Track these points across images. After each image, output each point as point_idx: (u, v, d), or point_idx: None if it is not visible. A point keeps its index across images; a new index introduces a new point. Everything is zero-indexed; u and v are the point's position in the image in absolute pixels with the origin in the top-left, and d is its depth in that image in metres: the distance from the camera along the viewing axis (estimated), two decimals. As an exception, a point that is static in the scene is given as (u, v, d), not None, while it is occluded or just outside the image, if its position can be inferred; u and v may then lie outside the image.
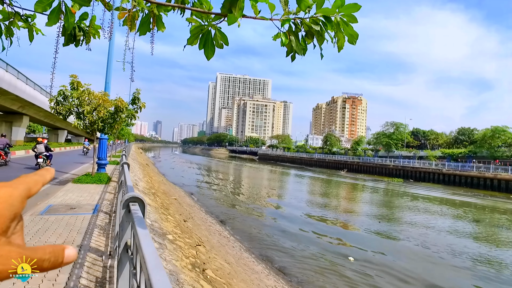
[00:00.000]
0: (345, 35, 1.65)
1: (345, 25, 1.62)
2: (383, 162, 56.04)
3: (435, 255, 11.68)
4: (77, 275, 3.53)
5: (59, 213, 6.37)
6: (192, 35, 1.63)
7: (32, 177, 0.44)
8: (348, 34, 1.64)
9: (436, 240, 13.63)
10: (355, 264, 10.03)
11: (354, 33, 1.65)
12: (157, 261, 0.83)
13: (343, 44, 1.67)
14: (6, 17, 1.73)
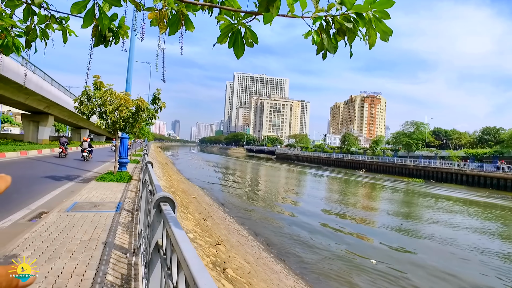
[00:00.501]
0: (376, 32, 1.60)
1: (377, 21, 1.57)
2: (403, 162, 54.76)
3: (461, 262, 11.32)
4: (103, 271, 3.61)
5: (84, 210, 6.54)
6: (222, 33, 1.62)
7: None
8: (380, 31, 1.59)
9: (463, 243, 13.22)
10: (377, 267, 9.81)
11: (388, 30, 1.60)
12: (200, 264, 0.81)
13: (374, 41, 1.63)
14: (42, 20, 1.77)
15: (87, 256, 4.02)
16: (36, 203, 7.37)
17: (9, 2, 1.69)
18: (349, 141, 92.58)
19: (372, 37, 1.61)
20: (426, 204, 24.01)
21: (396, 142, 71.17)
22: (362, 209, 19.94)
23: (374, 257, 10.55)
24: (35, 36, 1.89)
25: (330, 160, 76.75)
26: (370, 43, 1.63)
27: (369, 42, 1.62)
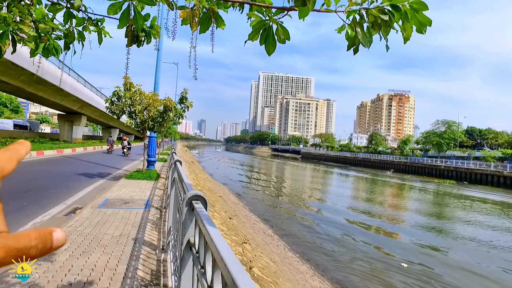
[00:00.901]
0: (413, 25, 1.52)
1: (414, 13, 1.49)
2: (433, 162, 52.61)
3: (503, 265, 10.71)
4: (134, 267, 3.71)
5: (115, 207, 6.77)
6: (253, 30, 1.60)
7: (4, 153, 0.38)
8: (416, 23, 1.52)
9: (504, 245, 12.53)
10: (409, 271, 9.43)
11: (426, 20, 1.51)
12: (238, 264, 0.80)
13: (410, 34, 1.55)
14: (80, 23, 1.83)
15: (119, 251, 4.15)
16: (71, 199, 7.71)
17: (52, 7, 1.76)
18: (376, 141, 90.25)
19: (408, 30, 1.54)
20: (460, 205, 22.95)
21: (426, 141, 68.52)
22: (390, 210, 19.36)
23: (404, 258, 10.17)
24: (73, 38, 1.96)
25: (357, 160, 75.16)
26: (405, 37, 1.55)
27: (404, 35, 1.55)
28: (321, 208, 18.06)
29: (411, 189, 32.81)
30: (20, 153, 0.40)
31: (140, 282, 3.36)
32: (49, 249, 0.37)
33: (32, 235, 0.35)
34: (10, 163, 0.37)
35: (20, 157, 0.39)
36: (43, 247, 0.36)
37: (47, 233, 0.37)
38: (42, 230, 0.37)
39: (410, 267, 9.61)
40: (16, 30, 1.60)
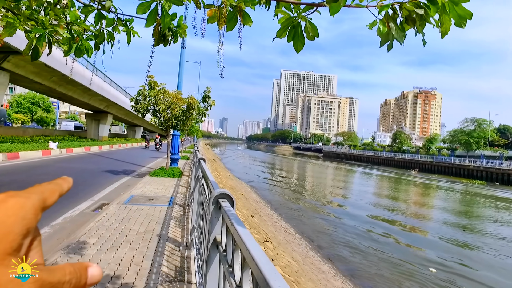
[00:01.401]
0: (451, 18, 1.44)
1: (452, 5, 1.41)
2: (461, 162, 50.57)
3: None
4: (158, 262, 3.78)
5: (140, 204, 6.93)
6: (281, 27, 1.58)
7: (47, 186, 0.38)
8: (455, 16, 1.43)
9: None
10: (439, 276, 8.93)
11: (466, 13, 1.42)
12: (270, 264, 0.78)
13: (448, 29, 1.47)
14: (110, 23, 1.88)
15: (144, 247, 4.24)
16: (99, 195, 7.98)
17: (84, 8, 1.81)
18: (401, 139, 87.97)
19: (446, 24, 1.45)
20: (492, 207, 21.97)
21: (454, 140, 66.00)
22: (416, 211, 18.79)
23: (434, 261, 9.78)
24: (103, 39, 2.01)
25: (380, 159, 73.51)
26: (442, 31, 1.48)
27: (442, 29, 1.47)
28: (343, 208, 17.78)
29: (439, 189, 31.73)
30: (63, 187, 0.41)
31: (164, 278, 3.42)
32: (83, 285, 0.36)
33: (67, 270, 0.35)
34: (52, 196, 0.38)
35: (62, 192, 0.40)
36: (77, 282, 0.36)
37: (82, 268, 0.37)
38: (77, 265, 0.37)
39: (439, 273, 9.16)
40: (51, 33, 1.66)
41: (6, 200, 0.32)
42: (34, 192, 0.35)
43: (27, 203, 0.33)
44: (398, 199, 22.96)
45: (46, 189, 0.37)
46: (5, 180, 9.18)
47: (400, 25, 1.48)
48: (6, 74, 19.82)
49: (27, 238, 0.33)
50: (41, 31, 1.56)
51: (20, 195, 0.33)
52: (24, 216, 0.32)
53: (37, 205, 0.34)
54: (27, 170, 11.45)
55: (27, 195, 0.34)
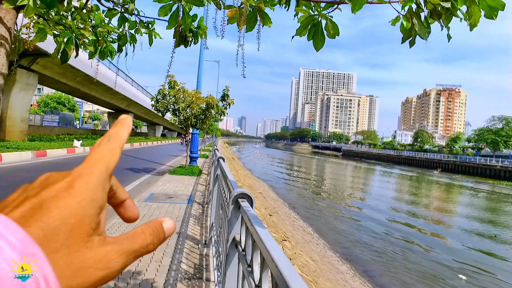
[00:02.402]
0: (480, 9, 1.37)
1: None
2: (487, 162, 48.68)
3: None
4: (178, 260, 3.85)
5: (160, 201, 7.07)
6: (302, 25, 1.57)
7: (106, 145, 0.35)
8: (485, 7, 1.36)
9: None
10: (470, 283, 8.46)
11: (498, 3, 1.33)
12: (290, 266, 0.78)
13: (478, 20, 1.39)
14: (132, 26, 1.93)
15: (164, 244, 4.33)
16: (120, 192, 8.19)
17: (108, 12, 1.87)
18: (422, 138, 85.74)
19: (475, 15, 1.38)
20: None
21: (479, 139, 63.66)
22: (440, 214, 18.24)
23: (460, 270, 9.23)
24: (126, 41, 2.06)
25: (401, 158, 71.89)
26: (471, 23, 1.41)
27: (470, 22, 1.40)
28: (363, 209, 17.49)
29: (463, 190, 30.67)
30: (122, 136, 0.37)
31: (183, 274, 3.48)
32: (162, 239, 0.37)
33: (146, 232, 0.34)
34: (113, 155, 0.35)
35: (122, 142, 0.37)
36: (158, 240, 0.36)
37: (159, 226, 0.36)
38: (152, 223, 0.36)
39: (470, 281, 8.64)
40: (78, 36, 1.72)
41: (72, 185, 0.31)
42: (95, 162, 0.34)
43: (92, 181, 0.32)
44: (420, 201, 22.36)
45: (106, 150, 0.35)
46: (36, 176, 9.53)
47: (424, 20, 1.44)
48: (35, 75, 20.66)
49: (102, 213, 0.33)
50: (69, 35, 1.63)
51: (84, 173, 0.32)
52: (92, 197, 0.31)
53: (103, 178, 0.33)
54: (55, 167, 11.90)
55: (89, 171, 0.32)
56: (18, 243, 0.25)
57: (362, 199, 20.98)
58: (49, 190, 0.30)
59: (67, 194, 0.30)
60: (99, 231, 0.32)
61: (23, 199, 0.29)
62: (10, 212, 0.28)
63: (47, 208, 0.28)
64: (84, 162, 0.34)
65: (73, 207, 0.29)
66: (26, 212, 0.28)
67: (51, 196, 0.29)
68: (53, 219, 0.28)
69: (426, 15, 1.43)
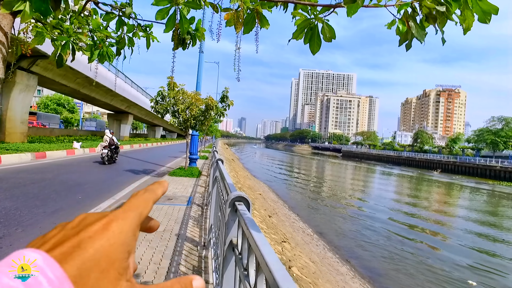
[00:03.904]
0: (474, 13, 1.39)
1: (476, 0, 1.36)
2: (487, 162, 48.68)
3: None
4: (177, 262, 3.85)
5: (159, 203, 7.06)
6: (298, 29, 1.58)
7: (142, 197, 0.39)
8: (478, 11, 1.38)
9: None
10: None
11: (491, 8, 1.36)
12: (284, 271, 0.79)
13: (471, 24, 1.42)
14: (130, 29, 1.94)
15: (163, 246, 4.33)
16: (120, 194, 8.19)
17: (106, 16, 1.88)
18: (422, 139, 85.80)
19: (468, 20, 1.40)
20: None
21: (479, 140, 63.67)
22: (443, 216, 18.20)
23: (468, 275, 9.05)
24: (124, 44, 2.07)
25: (401, 159, 71.90)
26: (465, 27, 1.43)
27: (465, 25, 1.42)
28: (362, 210, 17.48)
29: (464, 190, 30.66)
30: (157, 193, 0.41)
31: (183, 277, 3.47)
32: None
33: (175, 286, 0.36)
34: (147, 206, 0.38)
35: (156, 198, 0.41)
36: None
37: (189, 283, 0.37)
38: (183, 280, 0.37)
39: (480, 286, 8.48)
40: (75, 40, 1.73)
41: (107, 227, 0.32)
42: (130, 209, 0.36)
43: (126, 225, 0.34)
44: (421, 201, 22.35)
45: (141, 201, 0.38)
46: (36, 178, 9.57)
47: (420, 23, 1.45)
48: (35, 77, 20.66)
49: (130, 258, 0.34)
50: (66, 39, 1.63)
51: (119, 217, 0.34)
52: (124, 240, 0.33)
53: (135, 224, 0.35)
54: (54, 169, 11.89)
55: (125, 215, 0.35)
56: (56, 279, 0.27)
57: (362, 201, 20.95)
58: (87, 231, 0.32)
59: (103, 235, 0.32)
60: (127, 276, 0.33)
61: (63, 238, 0.31)
62: (51, 249, 0.30)
63: (84, 248, 0.30)
64: (121, 207, 0.36)
65: (106, 249, 0.31)
66: (65, 250, 0.29)
67: (88, 237, 0.31)
68: (88, 259, 0.30)
69: (421, 19, 1.44)
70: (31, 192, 7.54)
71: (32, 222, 5.29)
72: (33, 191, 7.61)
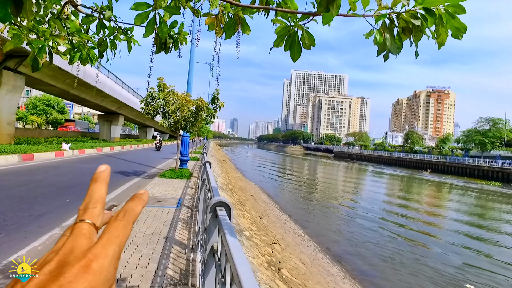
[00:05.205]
0: (448, 29, 1.44)
1: (449, 17, 1.40)
2: (476, 162, 49.48)
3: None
4: (164, 265, 3.82)
5: (148, 205, 7.00)
6: (278, 36, 1.58)
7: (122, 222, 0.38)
8: (452, 28, 1.43)
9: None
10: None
11: (462, 26, 1.43)
12: (253, 281, 0.78)
13: (445, 40, 1.46)
14: (111, 32, 1.91)
15: (150, 249, 4.29)
16: (109, 196, 8.09)
17: (85, 18, 1.85)
18: (413, 140, 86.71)
19: (442, 36, 1.45)
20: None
21: (468, 140, 64.59)
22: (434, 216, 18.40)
23: (470, 281, 8.86)
24: (106, 47, 2.05)
25: (392, 159, 72.60)
26: (439, 42, 1.47)
27: (438, 41, 1.46)
28: (354, 207, 17.60)
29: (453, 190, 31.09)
30: (136, 212, 0.41)
31: (169, 281, 3.45)
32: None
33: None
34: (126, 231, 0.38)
35: (136, 217, 0.40)
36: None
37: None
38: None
39: None
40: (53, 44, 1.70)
41: (88, 269, 0.32)
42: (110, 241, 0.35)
43: (106, 262, 0.33)
44: (412, 201, 22.59)
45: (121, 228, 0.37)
46: (23, 180, 9.41)
47: (397, 35, 1.47)
48: (22, 77, 20.30)
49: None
50: (42, 43, 1.61)
51: (99, 256, 0.33)
52: (105, 278, 0.33)
53: (116, 258, 0.35)
54: (42, 171, 11.71)
55: (104, 252, 0.34)
56: None
57: (353, 201, 21.08)
58: (66, 276, 0.31)
59: (84, 279, 0.31)
60: None
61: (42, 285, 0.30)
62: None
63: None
64: (100, 240, 0.36)
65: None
66: None
67: (68, 282, 0.31)
68: None
69: (398, 31, 1.46)
70: (17, 195, 7.41)
71: (17, 226, 5.20)
72: (19, 194, 7.48)
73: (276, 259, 6.34)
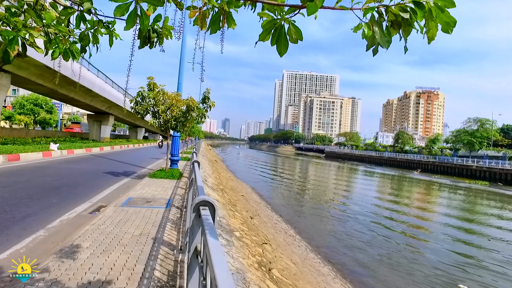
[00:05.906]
0: (437, 24, 1.41)
1: (439, 11, 1.37)
2: (464, 162, 50.27)
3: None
4: (151, 267, 3.73)
5: (137, 206, 6.89)
6: (264, 30, 1.53)
7: None
8: (442, 22, 1.40)
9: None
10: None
11: (451, 20, 1.40)
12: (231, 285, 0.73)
13: (434, 34, 1.44)
14: (92, 26, 1.83)
15: (138, 250, 4.20)
16: (97, 197, 7.94)
17: (63, 10, 1.77)
18: (403, 140, 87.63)
19: (432, 30, 1.42)
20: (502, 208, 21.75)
21: (456, 140, 65.55)
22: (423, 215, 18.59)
23: (463, 280, 8.88)
24: (88, 41, 1.97)
25: (382, 159, 73.32)
26: (429, 37, 1.44)
27: (428, 35, 1.44)
28: (346, 206, 17.67)
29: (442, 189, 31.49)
30: None
31: (156, 283, 3.36)
32: None
33: None
34: None
35: None
36: None
37: None
38: None
39: None
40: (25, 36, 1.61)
41: None
42: None
43: None
44: (402, 200, 22.79)
45: None
46: (8, 181, 9.18)
47: (386, 29, 1.43)
48: (8, 76, 19.85)
49: None
50: (13, 34, 1.53)
51: None
52: None
53: None
54: (29, 172, 11.45)
55: None
56: None
57: (344, 201, 21.17)
58: None
59: None
60: None
61: None
62: None
63: None
64: None
65: None
66: None
67: None
68: None
69: (387, 25, 1.43)
70: (0, 196, 7.21)
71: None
72: (2, 196, 7.28)
73: (266, 260, 6.29)
